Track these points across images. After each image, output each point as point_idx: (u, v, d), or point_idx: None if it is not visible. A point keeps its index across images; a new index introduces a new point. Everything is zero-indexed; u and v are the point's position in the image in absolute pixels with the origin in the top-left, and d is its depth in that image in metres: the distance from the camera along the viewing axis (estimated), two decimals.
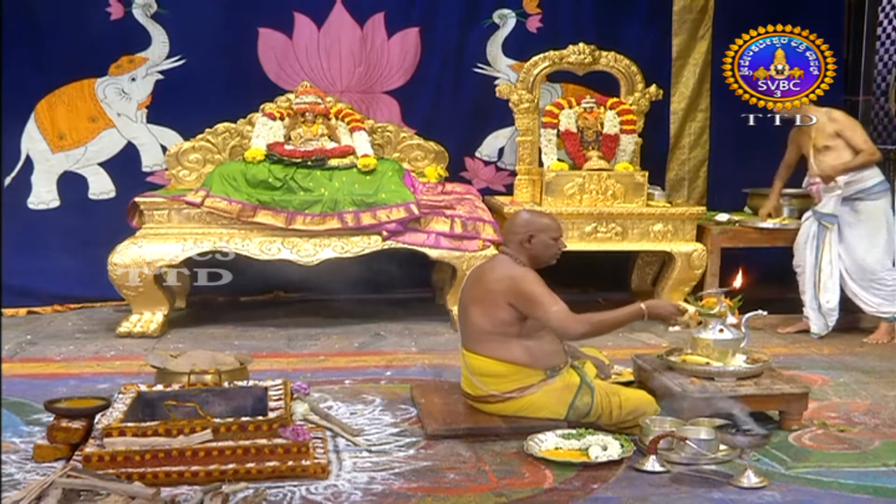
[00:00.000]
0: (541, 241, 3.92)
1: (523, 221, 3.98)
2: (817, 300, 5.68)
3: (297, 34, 6.41)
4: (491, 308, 3.84)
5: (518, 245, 3.94)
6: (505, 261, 3.95)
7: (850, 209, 5.65)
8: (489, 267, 3.99)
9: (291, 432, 3.38)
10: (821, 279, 5.68)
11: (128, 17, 6.19)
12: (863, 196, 5.63)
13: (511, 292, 3.80)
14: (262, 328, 5.79)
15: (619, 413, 3.81)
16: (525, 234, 3.92)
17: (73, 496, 3.02)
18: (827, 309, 5.66)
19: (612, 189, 5.91)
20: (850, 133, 5.65)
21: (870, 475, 3.45)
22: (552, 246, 3.95)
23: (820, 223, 5.70)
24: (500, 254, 4.08)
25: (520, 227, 3.96)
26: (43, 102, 6.18)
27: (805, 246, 5.76)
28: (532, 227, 3.93)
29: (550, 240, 3.94)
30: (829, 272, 5.65)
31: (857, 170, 5.60)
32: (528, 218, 4.01)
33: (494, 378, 3.85)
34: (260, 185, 5.64)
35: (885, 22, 6.89)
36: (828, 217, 5.66)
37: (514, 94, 6.12)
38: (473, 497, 3.22)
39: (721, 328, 4.02)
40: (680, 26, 6.71)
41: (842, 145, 5.64)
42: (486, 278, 3.91)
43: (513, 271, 3.86)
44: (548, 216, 4.09)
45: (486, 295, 3.86)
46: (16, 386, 4.39)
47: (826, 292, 5.66)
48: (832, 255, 5.65)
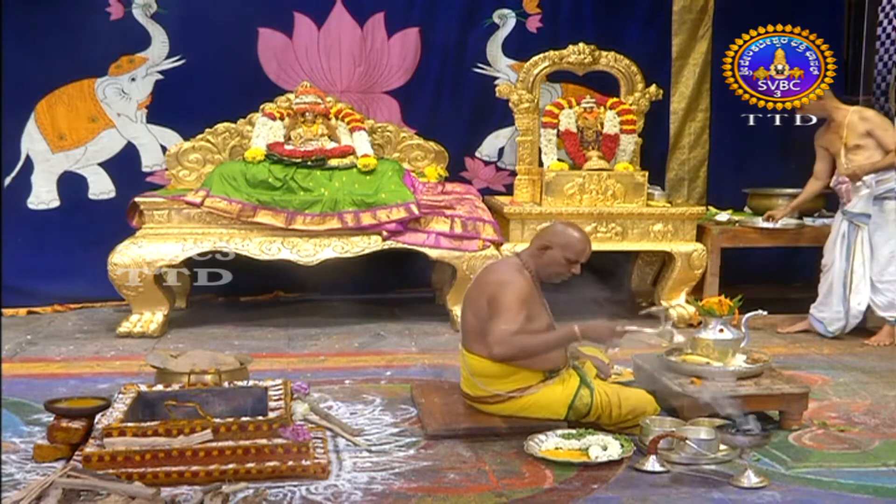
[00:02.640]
0: (553, 256, 3.84)
1: (551, 230, 3.93)
2: (847, 301, 5.58)
3: (297, 34, 6.41)
4: (478, 309, 3.82)
5: (534, 250, 3.90)
6: (511, 264, 3.91)
7: (879, 209, 5.54)
8: (492, 268, 3.97)
9: (291, 432, 3.38)
10: (853, 280, 5.57)
11: (128, 17, 6.19)
12: (891, 195, 5.52)
13: (490, 294, 3.75)
14: (262, 328, 5.79)
15: (619, 413, 3.81)
16: (544, 242, 3.87)
17: (73, 496, 3.02)
18: (857, 311, 5.57)
19: (612, 189, 5.91)
20: (882, 132, 5.54)
21: (870, 475, 3.45)
22: (562, 265, 3.85)
23: (851, 222, 5.58)
24: (512, 256, 4.04)
25: (544, 234, 3.92)
26: (43, 102, 6.18)
27: (835, 245, 5.64)
28: (553, 239, 3.86)
29: (563, 258, 3.84)
30: (862, 273, 5.54)
31: (886, 170, 5.49)
32: (557, 229, 3.93)
33: (493, 378, 3.84)
34: (260, 185, 5.64)
35: (885, 22, 6.88)
36: (860, 216, 5.54)
37: (514, 94, 6.12)
38: (473, 497, 3.22)
39: (721, 328, 4.02)
40: (680, 26, 6.72)
41: (872, 145, 5.54)
42: (484, 279, 3.89)
43: (506, 276, 3.80)
44: (580, 238, 3.88)
45: (478, 296, 3.84)
46: (16, 386, 4.40)
47: (857, 294, 5.55)
48: (864, 255, 5.54)
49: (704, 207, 6.35)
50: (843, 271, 5.59)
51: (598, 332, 3.74)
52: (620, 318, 3.82)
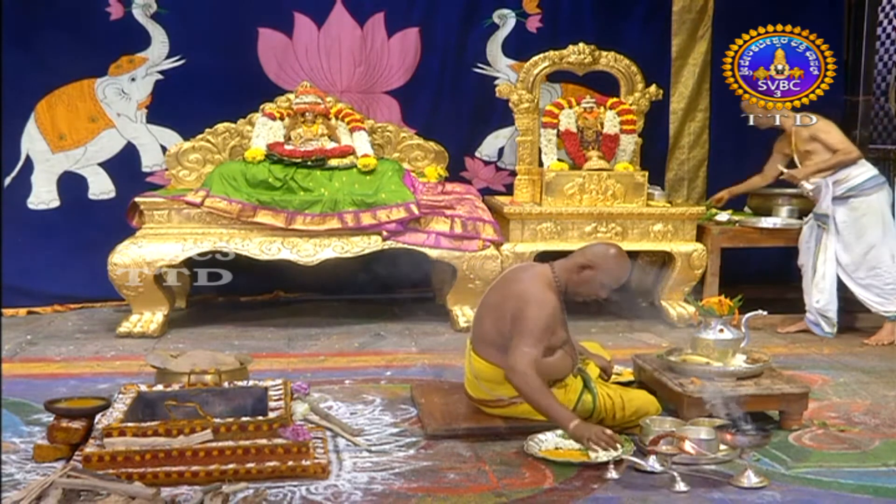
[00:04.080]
0: (591, 277, 3.75)
1: (598, 252, 3.80)
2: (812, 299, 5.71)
3: (297, 34, 6.41)
4: (499, 319, 3.75)
5: (573, 266, 3.78)
6: (541, 277, 3.77)
7: (846, 208, 5.65)
8: (521, 278, 3.81)
9: (291, 432, 3.38)
10: (814, 279, 5.70)
11: (128, 17, 6.18)
12: (856, 193, 5.63)
13: (517, 309, 3.68)
14: (262, 328, 5.79)
15: (623, 414, 3.81)
16: (587, 261, 3.77)
17: (73, 496, 3.02)
18: (817, 308, 5.68)
19: (612, 189, 5.91)
20: (824, 135, 5.67)
21: (870, 475, 3.45)
22: (597, 289, 3.78)
23: (817, 224, 5.72)
24: (544, 265, 3.87)
25: (591, 253, 3.79)
26: (43, 102, 6.17)
27: (805, 246, 5.79)
28: (597, 262, 3.75)
29: (600, 282, 3.76)
30: (823, 273, 5.67)
31: (834, 169, 5.62)
32: (604, 252, 3.80)
33: (499, 384, 3.80)
34: (260, 185, 5.64)
35: (885, 22, 6.89)
36: (820, 217, 5.69)
37: (514, 94, 6.12)
38: (473, 497, 3.22)
39: (721, 328, 4.02)
40: (680, 26, 6.72)
41: (821, 148, 5.67)
42: (511, 290, 3.76)
43: (536, 293, 3.68)
44: (625, 267, 3.78)
45: (501, 303, 3.77)
46: (16, 386, 4.39)
47: (818, 292, 5.67)
48: (827, 255, 5.66)
49: (704, 207, 6.34)
50: (811, 271, 5.73)
51: (587, 435, 3.48)
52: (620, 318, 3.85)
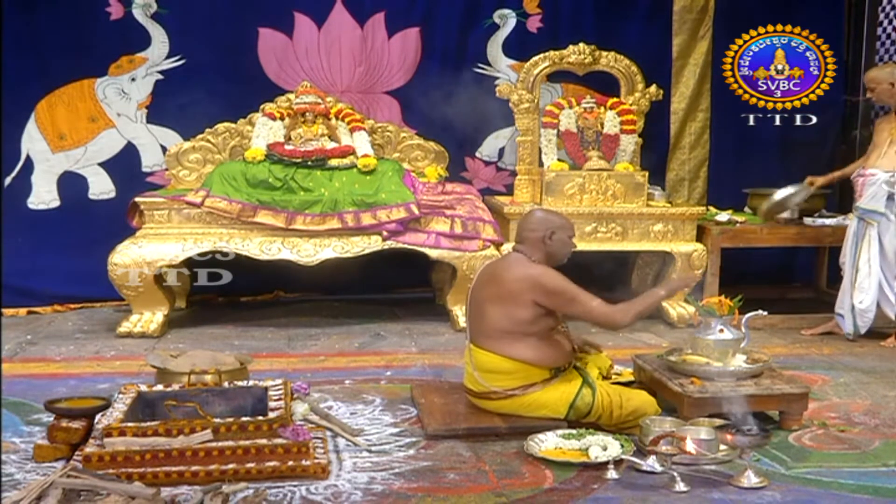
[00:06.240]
0: (560, 239, 3.95)
1: (542, 218, 4.01)
2: (851, 300, 5.49)
3: (298, 34, 6.40)
4: (513, 307, 3.82)
5: (537, 242, 3.93)
6: (520, 259, 3.94)
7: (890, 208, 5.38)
8: (504, 266, 3.98)
9: (291, 432, 3.38)
10: (857, 278, 5.46)
11: (128, 17, 6.18)
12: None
13: (538, 290, 3.80)
14: (262, 328, 5.79)
15: (620, 413, 3.81)
16: (546, 231, 3.93)
17: (73, 496, 3.02)
18: (860, 310, 5.46)
19: (612, 189, 5.91)
20: None
21: (870, 475, 3.45)
22: (569, 244, 4.00)
23: (861, 219, 5.45)
24: (513, 252, 4.06)
25: (539, 225, 3.97)
26: (43, 102, 6.17)
27: (847, 243, 5.53)
28: (552, 225, 3.96)
29: (567, 237, 3.99)
30: (867, 272, 5.42)
31: None
32: (545, 216, 4.06)
33: (499, 375, 3.85)
34: (260, 185, 5.64)
35: (885, 22, 6.88)
36: (870, 213, 5.41)
37: (515, 94, 6.12)
38: (473, 497, 3.22)
39: (721, 328, 4.02)
40: (680, 26, 6.71)
41: None
42: (504, 277, 3.89)
43: (532, 269, 3.86)
44: (562, 215, 4.14)
45: (507, 294, 3.84)
46: (16, 386, 4.40)
47: (860, 292, 5.44)
48: (871, 253, 5.41)
49: (704, 207, 6.34)
50: (850, 270, 5.52)
51: (677, 284, 4.47)
52: None
